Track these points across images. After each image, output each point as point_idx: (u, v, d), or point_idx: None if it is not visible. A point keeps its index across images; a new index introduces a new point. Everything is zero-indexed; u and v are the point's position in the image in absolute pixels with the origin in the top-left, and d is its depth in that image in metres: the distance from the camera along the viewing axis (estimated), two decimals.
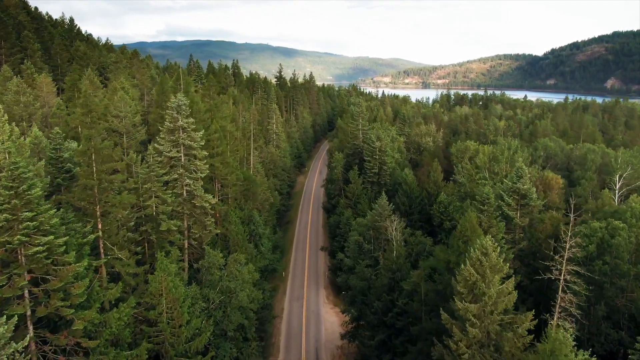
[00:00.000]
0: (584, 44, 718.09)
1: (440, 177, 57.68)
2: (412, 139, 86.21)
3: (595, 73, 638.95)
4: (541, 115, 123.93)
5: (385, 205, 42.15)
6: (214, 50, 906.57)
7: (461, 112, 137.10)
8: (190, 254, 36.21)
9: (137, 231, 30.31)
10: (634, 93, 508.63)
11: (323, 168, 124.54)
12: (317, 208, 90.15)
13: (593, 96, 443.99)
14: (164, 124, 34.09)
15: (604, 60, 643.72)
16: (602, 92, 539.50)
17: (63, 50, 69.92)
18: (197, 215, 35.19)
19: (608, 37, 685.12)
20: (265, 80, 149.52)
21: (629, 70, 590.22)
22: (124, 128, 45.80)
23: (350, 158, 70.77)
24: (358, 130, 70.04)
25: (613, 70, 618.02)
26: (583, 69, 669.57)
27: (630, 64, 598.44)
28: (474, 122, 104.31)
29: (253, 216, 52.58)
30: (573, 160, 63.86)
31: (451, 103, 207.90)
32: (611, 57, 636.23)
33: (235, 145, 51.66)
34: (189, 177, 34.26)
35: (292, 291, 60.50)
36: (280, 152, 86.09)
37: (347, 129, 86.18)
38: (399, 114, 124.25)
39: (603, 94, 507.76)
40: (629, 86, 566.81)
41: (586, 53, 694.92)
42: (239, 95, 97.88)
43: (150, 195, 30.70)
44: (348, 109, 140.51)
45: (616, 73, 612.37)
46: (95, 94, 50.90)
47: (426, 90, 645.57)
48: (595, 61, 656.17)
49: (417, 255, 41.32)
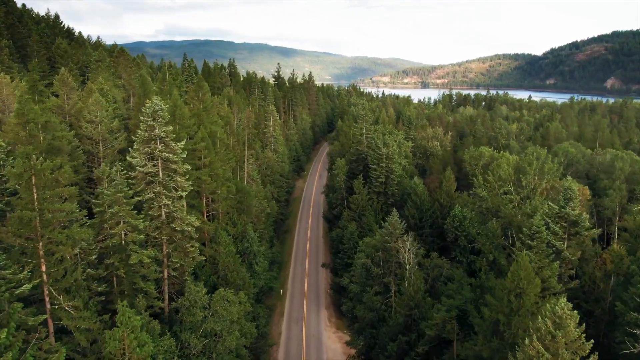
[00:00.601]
0: (583, 43, 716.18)
1: (453, 187, 52.38)
2: (418, 143, 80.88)
3: (595, 73, 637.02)
4: (550, 116, 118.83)
5: (396, 224, 36.87)
6: (212, 50, 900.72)
7: (465, 113, 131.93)
8: (171, 286, 30.74)
9: (101, 265, 24.81)
10: (634, 93, 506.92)
11: (323, 172, 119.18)
12: (317, 216, 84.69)
13: (593, 96, 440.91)
14: (137, 133, 28.59)
15: (603, 60, 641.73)
16: (601, 91, 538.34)
17: (41, 48, 64.23)
18: (178, 240, 29.71)
19: (607, 37, 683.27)
20: (263, 80, 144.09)
21: (629, 70, 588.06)
22: (99, 135, 40.25)
23: (353, 164, 65.33)
24: (362, 135, 64.60)
25: (613, 70, 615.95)
26: (582, 68, 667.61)
27: (630, 64, 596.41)
28: (482, 124, 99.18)
29: (247, 232, 47.18)
30: (595, 167, 58.64)
31: (453, 103, 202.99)
32: (611, 57, 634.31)
33: (227, 153, 46.18)
34: (167, 197, 28.78)
35: (291, 312, 55.00)
36: (278, 156, 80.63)
37: (349, 132, 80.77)
38: (402, 115, 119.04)
39: (603, 93, 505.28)
40: (628, 86, 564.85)
41: (586, 53, 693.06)
42: (235, 96, 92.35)
43: (118, 221, 25.22)
44: (349, 109, 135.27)
45: (616, 73, 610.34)
46: (70, 96, 45.28)
47: (425, 90, 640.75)
48: (594, 61, 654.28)
49: (433, 280, 36.11)
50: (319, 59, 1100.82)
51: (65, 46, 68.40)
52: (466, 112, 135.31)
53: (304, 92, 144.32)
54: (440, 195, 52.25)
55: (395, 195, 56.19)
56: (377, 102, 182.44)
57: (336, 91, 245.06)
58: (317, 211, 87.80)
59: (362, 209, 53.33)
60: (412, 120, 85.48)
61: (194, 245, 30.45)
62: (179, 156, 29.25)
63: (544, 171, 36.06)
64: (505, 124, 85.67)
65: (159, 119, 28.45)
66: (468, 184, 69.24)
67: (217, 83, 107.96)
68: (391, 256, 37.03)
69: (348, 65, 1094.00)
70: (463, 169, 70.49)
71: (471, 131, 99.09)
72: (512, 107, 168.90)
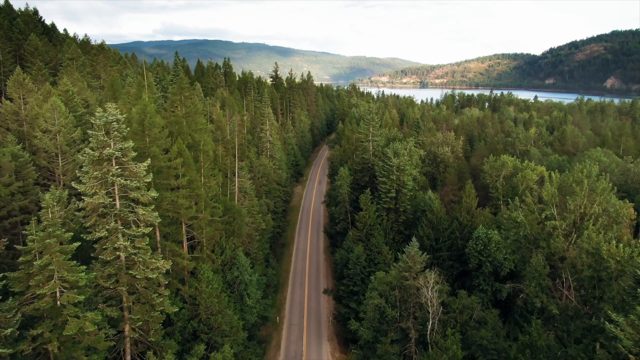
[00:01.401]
0: (582, 43, 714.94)
1: (474, 203, 45.70)
2: (428, 149, 74.06)
3: (595, 72, 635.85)
4: (563, 119, 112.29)
5: (416, 256, 30.18)
6: (210, 49, 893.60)
7: (472, 114, 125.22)
8: (133, 347, 23.81)
9: (24, 340, 17.91)
10: (634, 92, 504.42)
11: (323, 177, 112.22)
12: (318, 228, 77.84)
13: (593, 96, 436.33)
14: (85, 152, 21.69)
15: (603, 60, 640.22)
16: (601, 91, 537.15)
17: (6, 44, 57.08)
18: (141, 290, 22.81)
19: (607, 37, 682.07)
20: (260, 80, 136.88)
21: (629, 70, 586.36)
22: (57, 147, 33.28)
23: (357, 175, 58.43)
24: (368, 141, 57.67)
25: (612, 70, 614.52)
26: (582, 68, 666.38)
27: (630, 63, 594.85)
28: (491, 127, 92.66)
29: (237, 258, 40.30)
30: (631, 178, 52.11)
31: (456, 104, 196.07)
32: (610, 57, 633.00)
33: (212, 167, 39.27)
34: (125, 235, 21.89)
35: (288, 345, 48.12)
36: (274, 163, 73.64)
37: (352, 137, 73.80)
38: (406, 117, 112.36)
39: (603, 93, 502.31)
40: (629, 85, 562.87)
41: (585, 52, 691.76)
42: (229, 97, 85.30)
43: (49, 276, 18.33)
44: (350, 111, 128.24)
45: (616, 72, 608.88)
46: (26, 100, 38.26)
47: (424, 90, 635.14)
48: (594, 60, 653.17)
49: (462, 326, 29.52)
50: (318, 59, 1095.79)
51: (37, 42, 61.24)
52: (472, 113, 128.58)
53: (302, 93, 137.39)
54: (459, 212, 45.51)
55: (408, 212, 49.39)
56: (378, 102, 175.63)
57: (335, 91, 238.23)
58: (317, 222, 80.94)
59: (370, 228, 46.56)
60: (420, 124, 78.67)
61: (162, 294, 23.55)
62: (141, 180, 22.34)
63: (596, 192, 29.44)
64: (522, 129, 78.98)
65: (113, 133, 21.53)
66: (486, 196, 62.63)
67: (211, 84, 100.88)
68: (410, 295, 30.37)
69: (346, 65, 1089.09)
70: (479, 179, 63.84)
71: (481, 135, 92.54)
72: (519, 108, 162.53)
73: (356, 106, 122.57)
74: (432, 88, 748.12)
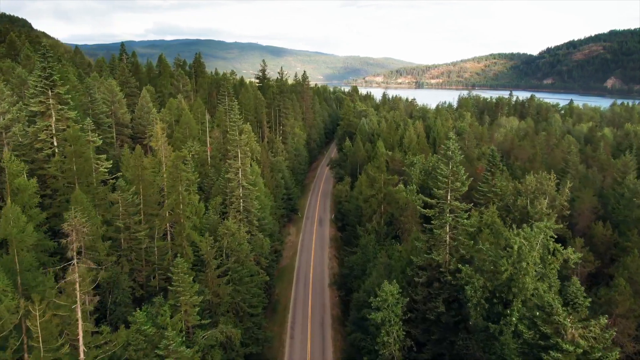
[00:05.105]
0: (580, 42, 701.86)
1: None
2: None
3: (594, 72, 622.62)
4: (600, 127, 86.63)
5: None
6: (202, 49, 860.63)
7: (510, 126, 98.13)
8: None
9: None
10: (636, 93, 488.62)
11: (324, 213, 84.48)
12: (323, 317, 49.99)
13: (593, 96, 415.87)
14: None
15: (602, 59, 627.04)
16: (602, 91, 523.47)
17: None
18: None
19: (605, 36, 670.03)
20: (242, 81, 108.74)
21: (629, 70, 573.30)
22: None
23: (419, 291, 29.26)
24: (442, 224, 28.05)
25: (612, 70, 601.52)
26: (581, 68, 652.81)
27: (630, 63, 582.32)
28: (561, 151, 66.25)
29: None
30: None
31: (471, 108, 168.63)
32: (610, 56, 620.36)
33: None
34: None
35: None
36: (253, 214, 45.95)
37: (379, 179, 44.98)
38: (434, 132, 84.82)
39: (603, 93, 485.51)
40: (630, 86, 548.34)
41: (583, 52, 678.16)
42: (186, 110, 57.04)
43: None
44: (358, 122, 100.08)
45: (616, 72, 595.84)
46: None
47: (420, 90, 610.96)
48: (593, 60, 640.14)
49: None
50: (311, 59, 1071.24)
51: None
52: (511, 124, 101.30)
53: (296, 97, 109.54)
54: None
55: None
56: (386, 107, 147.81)
57: (332, 93, 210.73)
58: (320, 301, 52.42)
59: None
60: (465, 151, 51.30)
61: None
62: None
63: None
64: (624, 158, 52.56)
65: None
66: None
67: (168, 88, 72.43)
68: None
69: (340, 64, 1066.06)
70: None
71: (546, 160, 65.75)
72: (545, 111, 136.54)
73: (366, 116, 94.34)
74: (428, 88, 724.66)
